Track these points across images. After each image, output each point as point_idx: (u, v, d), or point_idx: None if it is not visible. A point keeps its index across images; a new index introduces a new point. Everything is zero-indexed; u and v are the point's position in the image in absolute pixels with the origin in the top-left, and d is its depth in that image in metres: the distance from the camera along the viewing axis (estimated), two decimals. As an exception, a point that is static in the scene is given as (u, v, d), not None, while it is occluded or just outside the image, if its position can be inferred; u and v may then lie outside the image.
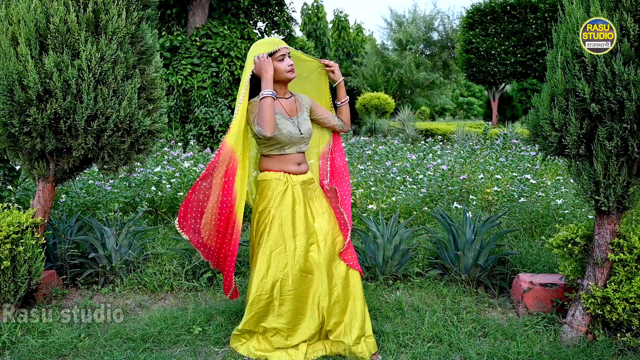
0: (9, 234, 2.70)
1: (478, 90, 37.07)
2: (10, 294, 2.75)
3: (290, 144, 2.48)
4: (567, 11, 2.43)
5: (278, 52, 2.42)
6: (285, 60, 2.44)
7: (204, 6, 9.67)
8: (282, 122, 2.45)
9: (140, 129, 2.88)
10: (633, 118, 2.21)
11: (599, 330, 2.58)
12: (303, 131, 2.50)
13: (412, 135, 12.01)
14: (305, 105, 2.60)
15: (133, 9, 2.84)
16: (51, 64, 2.61)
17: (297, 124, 2.50)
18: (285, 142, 2.46)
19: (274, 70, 2.40)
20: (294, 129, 2.47)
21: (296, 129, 2.48)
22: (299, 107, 2.57)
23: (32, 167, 2.93)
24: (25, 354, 2.47)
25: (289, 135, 2.45)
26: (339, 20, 26.69)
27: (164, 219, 4.73)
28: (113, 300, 3.21)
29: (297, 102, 2.58)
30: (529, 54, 17.19)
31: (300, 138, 2.50)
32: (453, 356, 2.50)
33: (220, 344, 2.62)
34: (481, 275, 3.33)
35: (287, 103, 2.54)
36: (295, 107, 2.56)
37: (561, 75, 2.38)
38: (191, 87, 9.43)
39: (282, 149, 2.48)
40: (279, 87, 2.50)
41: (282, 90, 2.53)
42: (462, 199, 4.90)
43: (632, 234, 2.48)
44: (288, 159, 2.50)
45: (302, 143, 2.53)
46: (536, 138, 2.58)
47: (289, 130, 2.45)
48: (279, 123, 2.43)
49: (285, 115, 2.49)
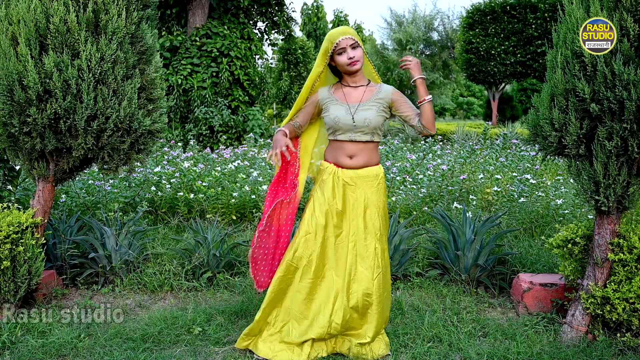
0: (9, 234, 2.70)
1: (478, 90, 37.08)
2: (10, 294, 2.75)
3: (340, 130, 2.45)
4: (567, 11, 2.43)
5: (337, 46, 2.41)
6: (345, 53, 2.41)
7: (204, 6, 9.68)
8: (334, 107, 2.47)
9: (140, 129, 2.88)
10: (633, 118, 2.21)
11: (599, 330, 2.58)
12: (356, 119, 2.41)
13: (412, 135, 12.01)
14: (381, 97, 2.46)
15: (133, 9, 2.84)
16: (51, 64, 2.61)
17: (352, 111, 2.44)
18: (333, 127, 2.47)
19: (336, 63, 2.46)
20: (345, 115, 2.43)
21: (348, 116, 2.42)
22: (366, 97, 2.47)
23: (32, 167, 2.93)
24: (25, 354, 2.47)
25: (336, 120, 2.44)
26: (339, 20, 26.71)
27: (164, 219, 4.74)
28: (113, 300, 3.21)
29: (367, 92, 2.49)
30: (529, 54, 17.20)
31: (350, 125, 2.42)
32: (453, 356, 2.50)
33: (220, 344, 2.62)
34: (481, 275, 3.33)
35: (350, 91, 2.50)
36: (362, 96, 2.48)
37: (561, 75, 2.38)
38: (191, 87, 9.44)
39: (334, 134, 2.49)
40: (347, 77, 2.51)
41: (351, 79, 2.50)
42: (462, 199, 4.90)
43: (632, 234, 2.48)
44: (340, 148, 2.47)
45: (354, 131, 2.43)
46: (536, 138, 2.58)
47: (337, 115, 2.44)
48: (330, 109, 2.47)
49: (341, 102, 2.48)
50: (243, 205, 4.80)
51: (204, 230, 3.57)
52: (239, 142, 9.64)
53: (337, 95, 2.51)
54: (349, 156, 2.47)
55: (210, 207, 4.72)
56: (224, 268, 3.52)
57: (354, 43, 2.40)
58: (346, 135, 2.45)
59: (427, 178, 5.07)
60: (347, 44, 2.40)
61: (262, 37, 11.31)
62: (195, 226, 3.60)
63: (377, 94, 2.48)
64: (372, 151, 2.50)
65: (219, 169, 5.32)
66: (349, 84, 2.52)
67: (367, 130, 2.44)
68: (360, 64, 2.45)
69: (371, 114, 2.42)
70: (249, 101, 10.41)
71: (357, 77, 2.50)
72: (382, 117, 2.47)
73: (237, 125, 9.60)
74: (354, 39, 2.41)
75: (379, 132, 2.49)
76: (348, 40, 2.40)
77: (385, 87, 2.51)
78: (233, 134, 9.57)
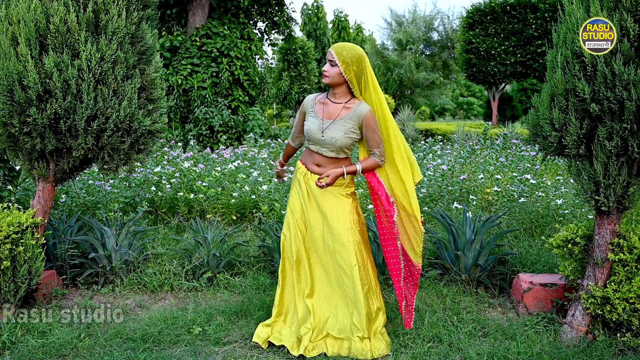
0: (9, 234, 2.70)
1: (478, 90, 37.07)
2: (10, 294, 2.75)
3: (311, 141, 2.57)
4: (567, 11, 2.43)
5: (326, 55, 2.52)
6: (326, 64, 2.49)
7: (204, 6, 9.67)
8: (310, 119, 2.58)
9: (140, 129, 2.88)
10: (633, 118, 2.21)
11: (599, 330, 2.58)
12: (325, 135, 2.49)
13: (412, 135, 12.01)
14: (355, 118, 2.48)
15: (133, 9, 2.84)
16: (51, 64, 2.61)
17: (323, 127, 2.51)
18: (307, 137, 2.60)
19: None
20: (316, 129, 2.53)
21: (318, 131, 2.51)
22: (342, 114, 2.50)
23: (32, 167, 2.93)
24: (25, 354, 2.47)
25: (308, 132, 2.56)
26: (339, 20, 26.70)
27: (164, 219, 4.73)
28: (113, 300, 3.21)
29: (344, 110, 2.51)
30: (529, 54, 17.19)
31: (319, 139, 2.52)
32: (453, 356, 2.50)
33: (220, 344, 2.62)
34: (481, 275, 3.33)
35: (330, 106, 2.54)
36: (338, 113, 2.51)
37: (561, 75, 2.38)
38: (191, 87, 9.44)
39: (308, 141, 2.62)
40: (331, 90, 2.57)
41: (331, 93, 2.56)
42: (462, 199, 4.90)
43: (632, 234, 2.48)
44: (311, 156, 2.61)
45: (322, 146, 2.52)
46: (536, 138, 2.58)
47: (309, 128, 2.56)
48: (308, 120, 2.60)
49: (317, 115, 2.56)
50: (243, 205, 4.80)
51: (204, 230, 3.57)
52: (239, 142, 9.64)
53: (317, 107, 2.60)
54: (317, 164, 2.58)
55: (210, 207, 4.72)
56: (224, 268, 3.52)
57: (333, 60, 2.45)
58: (315, 147, 2.57)
59: (427, 178, 5.07)
60: (328, 57, 2.48)
61: (262, 37, 11.30)
62: (195, 226, 3.60)
63: (351, 112, 2.49)
64: (339, 165, 2.55)
65: (219, 169, 5.32)
66: (330, 97, 2.57)
67: (333, 149, 2.52)
68: (328, 80, 2.49)
69: (338, 135, 2.48)
70: (249, 101, 10.41)
71: (337, 92, 2.53)
72: (350, 139, 2.50)
73: (237, 125, 9.59)
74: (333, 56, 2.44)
75: (346, 151, 2.55)
76: (329, 55, 2.47)
77: (361, 108, 2.49)
78: (233, 134, 9.57)
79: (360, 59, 2.44)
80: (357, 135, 2.51)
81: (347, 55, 2.44)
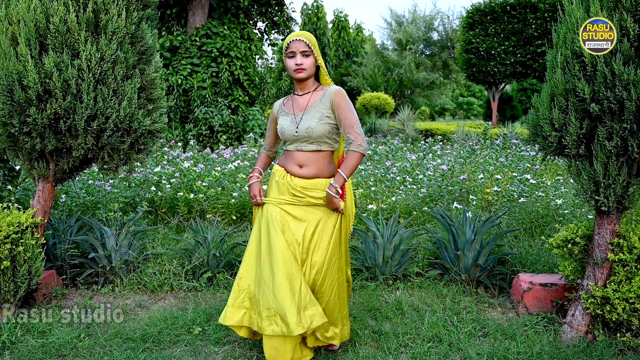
0: (9, 234, 2.70)
1: (478, 90, 37.08)
2: (10, 294, 2.75)
3: (288, 141, 2.39)
4: (567, 11, 2.43)
5: (288, 48, 2.33)
6: (294, 58, 2.32)
7: (204, 6, 9.68)
8: (282, 118, 2.41)
9: (140, 129, 2.88)
10: (633, 118, 2.21)
11: (599, 330, 2.58)
12: (300, 128, 2.31)
13: (412, 135, 12.01)
14: (325, 101, 2.32)
15: (133, 9, 2.84)
16: (51, 64, 2.61)
17: (297, 120, 2.34)
18: (282, 138, 2.42)
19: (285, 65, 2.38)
20: (290, 125, 2.35)
21: (293, 126, 2.34)
22: (311, 103, 2.35)
23: (32, 167, 2.93)
24: (25, 354, 2.47)
25: (282, 130, 2.38)
26: (339, 20, 26.70)
27: (164, 219, 4.74)
28: (113, 300, 3.21)
29: (312, 97, 2.36)
30: (529, 54, 17.20)
31: (293, 136, 2.33)
32: (453, 356, 2.50)
33: (220, 344, 2.62)
34: (481, 275, 3.33)
35: (298, 100, 2.40)
36: (307, 101, 2.36)
37: (561, 75, 2.38)
38: (191, 87, 9.44)
39: (285, 144, 2.44)
40: (296, 84, 2.41)
41: (299, 87, 2.41)
42: (462, 199, 4.90)
43: (632, 234, 2.48)
44: (290, 157, 2.39)
45: (300, 141, 2.33)
46: (536, 138, 2.58)
47: (282, 126, 2.38)
48: (279, 120, 2.42)
49: (288, 112, 2.40)
50: (243, 205, 4.80)
51: (204, 230, 3.57)
52: (239, 142, 9.64)
53: (287, 106, 2.44)
54: (298, 165, 2.35)
55: (210, 207, 4.72)
56: (224, 268, 3.52)
57: (307, 50, 2.31)
58: (292, 146, 2.37)
59: (427, 178, 5.07)
60: (298, 49, 2.30)
61: (262, 37, 11.31)
62: (195, 226, 3.60)
63: (321, 97, 2.34)
64: (323, 161, 2.35)
65: (219, 169, 5.32)
66: (297, 92, 2.43)
67: (312, 140, 2.31)
68: (306, 74, 2.33)
69: (313, 123, 2.29)
70: (249, 101, 10.41)
71: (305, 84, 2.39)
72: (328, 125, 2.30)
73: (237, 125, 9.59)
74: (308, 45, 2.30)
75: (328, 141, 2.34)
76: (299, 45, 2.30)
77: (329, 90, 2.33)
78: (233, 134, 9.57)
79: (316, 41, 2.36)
80: (333, 120, 2.31)
81: (313, 40, 2.34)
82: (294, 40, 2.32)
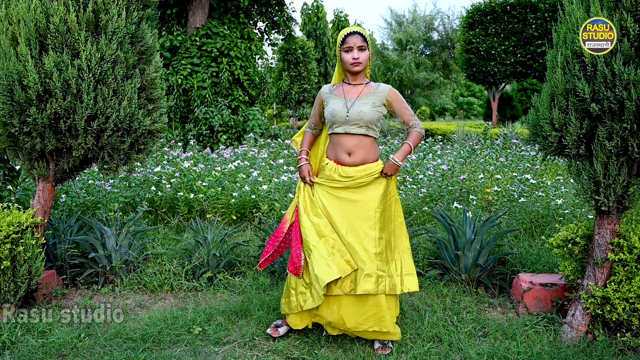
0: (9, 234, 2.69)
1: (478, 90, 37.08)
2: (10, 294, 2.75)
3: (337, 123, 2.52)
4: (567, 11, 2.43)
5: (344, 43, 2.47)
6: (351, 52, 2.47)
7: (204, 6, 9.68)
8: (333, 101, 2.55)
9: (140, 128, 2.88)
10: (633, 118, 2.21)
11: (599, 330, 2.58)
12: (351, 112, 2.48)
13: (412, 135, 11.99)
14: (378, 94, 2.54)
15: (133, 9, 2.84)
16: (51, 64, 2.61)
17: (348, 105, 2.50)
18: (331, 120, 2.55)
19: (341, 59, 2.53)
20: (341, 108, 2.51)
21: (344, 109, 2.50)
22: (364, 92, 2.55)
23: (32, 167, 2.93)
24: (25, 354, 2.47)
25: (333, 112, 2.52)
26: (339, 20, 26.69)
27: (164, 219, 4.74)
28: (113, 300, 3.21)
29: (365, 89, 2.56)
30: (529, 54, 17.20)
31: (344, 118, 2.49)
32: (453, 356, 2.50)
33: (220, 344, 2.62)
34: (481, 275, 3.33)
35: (350, 88, 2.58)
36: (360, 92, 2.55)
37: (561, 75, 2.38)
38: (191, 87, 9.44)
39: (332, 127, 2.56)
40: (349, 75, 2.57)
41: (352, 78, 2.58)
42: (462, 199, 4.90)
43: (632, 234, 2.48)
44: (338, 143, 2.54)
45: (349, 124, 2.49)
46: (536, 138, 2.58)
47: (334, 108, 2.52)
48: (329, 103, 2.56)
49: (339, 97, 2.56)
50: (243, 205, 4.80)
51: (204, 230, 3.57)
52: (239, 142, 9.64)
53: (337, 91, 2.60)
54: (347, 152, 2.52)
55: (210, 207, 4.72)
56: (224, 268, 3.52)
57: (363, 45, 2.47)
58: (341, 128, 2.51)
59: (427, 178, 5.07)
60: (355, 43, 2.45)
61: (262, 37, 11.31)
62: (195, 226, 3.60)
63: (374, 91, 2.56)
64: (370, 147, 2.54)
65: (219, 169, 5.32)
66: (349, 82, 2.59)
67: (362, 124, 2.49)
68: (362, 67, 2.52)
69: (366, 108, 2.49)
70: (249, 101, 10.41)
71: (359, 76, 2.58)
72: (377, 113, 2.52)
73: (237, 125, 9.60)
74: (364, 39, 2.46)
75: (374, 128, 2.54)
76: (356, 40, 2.45)
77: (382, 86, 2.58)
78: (233, 134, 9.57)
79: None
80: (384, 110, 2.56)
81: (367, 34, 2.52)
82: (351, 33, 2.47)
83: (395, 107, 2.57)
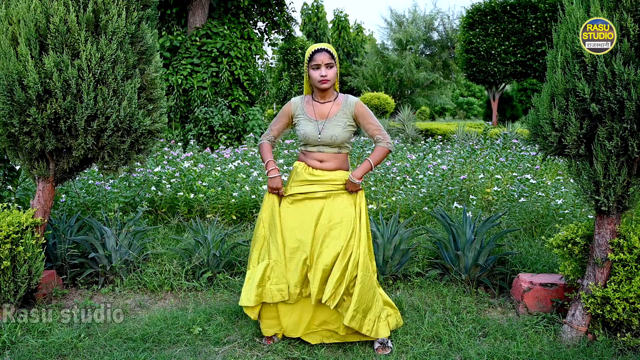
0: (9, 234, 2.70)
1: (478, 90, 37.08)
2: (10, 294, 2.75)
3: (309, 144, 2.57)
4: (567, 11, 2.43)
5: (312, 60, 2.46)
6: (319, 70, 2.45)
7: (204, 6, 9.67)
8: (304, 122, 2.57)
9: (140, 128, 2.88)
10: (633, 118, 2.21)
11: (599, 330, 2.58)
12: (323, 136, 2.51)
13: (412, 135, 12.00)
14: (346, 110, 2.55)
15: (133, 9, 2.84)
16: (51, 64, 2.61)
17: (319, 127, 2.52)
18: (303, 141, 2.59)
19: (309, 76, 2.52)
20: (313, 131, 2.53)
21: (316, 132, 2.52)
22: (333, 112, 2.55)
23: (32, 167, 2.93)
24: (25, 354, 2.47)
25: (305, 135, 2.55)
26: (339, 20, 26.71)
27: (164, 219, 4.73)
28: (113, 300, 3.21)
29: (334, 107, 2.56)
30: (529, 54, 17.20)
31: (316, 141, 2.52)
32: (453, 356, 2.50)
33: (220, 344, 2.62)
34: (481, 275, 3.33)
35: (319, 107, 2.58)
36: (329, 111, 2.55)
37: (561, 75, 2.38)
38: (191, 87, 9.43)
39: (305, 145, 2.60)
40: (317, 92, 2.56)
41: (320, 95, 2.57)
42: (462, 199, 4.90)
43: (632, 234, 2.48)
44: (311, 156, 2.58)
45: (322, 145, 2.54)
46: (536, 138, 2.58)
47: (306, 132, 2.54)
48: (301, 124, 2.57)
49: (310, 118, 2.56)
50: (243, 205, 4.80)
51: (204, 230, 3.57)
52: (239, 142, 9.64)
53: (308, 110, 2.59)
54: (318, 160, 2.57)
55: (210, 207, 4.72)
56: (224, 268, 3.52)
57: (331, 62, 2.45)
58: (314, 148, 2.57)
59: (427, 178, 5.07)
60: (323, 61, 2.44)
61: (262, 37, 11.30)
62: (195, 226, 3.60)
63: (343, 107, 2.55)
64: (343, 158, 2.59)
65: (219, 169, 5.32)
66: (318, 100, 2.59)
67: (334, 145, 2.54)
68: (330, 84, 2.50)
69: (337, 131, 2.51)
70: (249, 101, 10.41)
71: (327, 93, 2.57)
72: (349, 133, 2.55)
73: (237, 125, 9.59)
74: (332, 57, 2.44)
75: (347, 145, 2.58)
76: (324, 57, 2.43)
77: (350, 100, 2.58)
78: (233, 134, 9.56)
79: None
80: (355, 127, 2.58)
81: (334, 51, 2.50)
82: (318, 50, 2.45)
83: (361, 122, 2.57)
